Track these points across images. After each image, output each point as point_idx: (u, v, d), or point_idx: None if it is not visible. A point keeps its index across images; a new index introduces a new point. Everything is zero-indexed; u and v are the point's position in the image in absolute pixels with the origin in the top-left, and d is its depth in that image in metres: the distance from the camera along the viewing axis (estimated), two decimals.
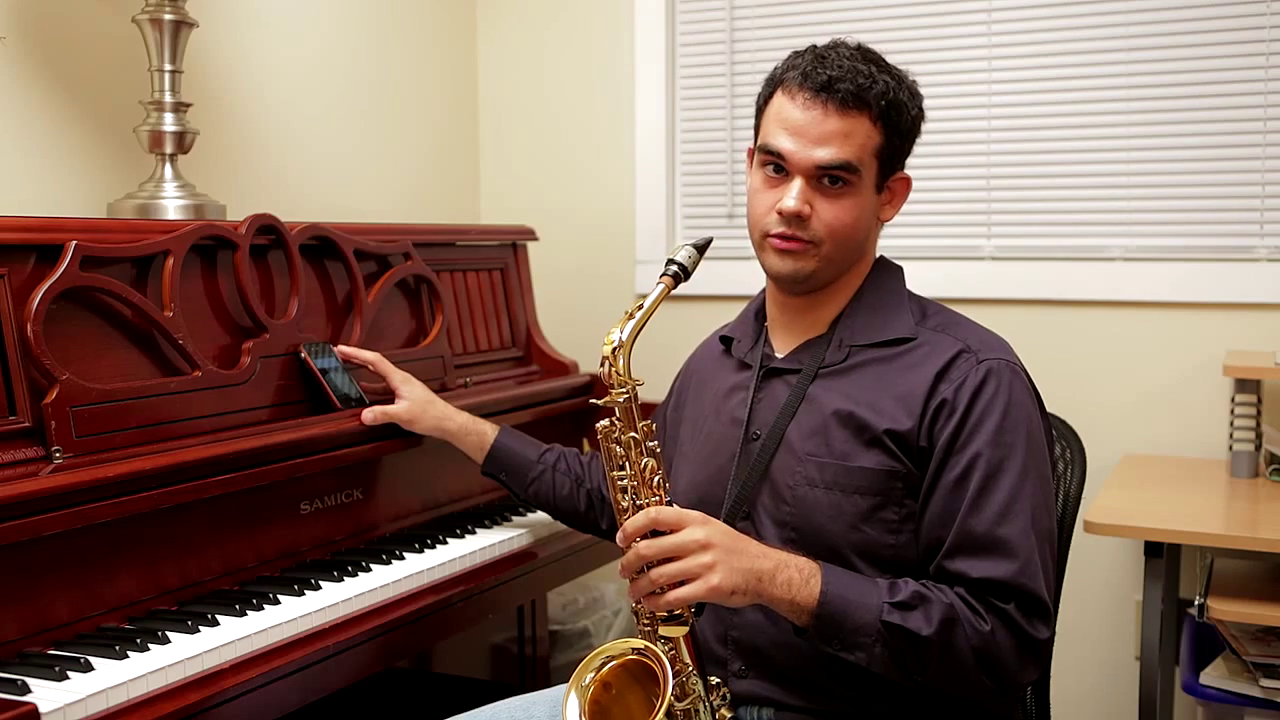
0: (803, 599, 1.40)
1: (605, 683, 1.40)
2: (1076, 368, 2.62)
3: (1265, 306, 2.51)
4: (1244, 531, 2.01)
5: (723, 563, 1.36)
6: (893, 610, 1.40)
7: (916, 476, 1.49)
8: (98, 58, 2.16)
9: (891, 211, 1.62)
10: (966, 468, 1.45)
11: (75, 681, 1.37)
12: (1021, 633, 1.42)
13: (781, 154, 1.53)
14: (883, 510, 1.48)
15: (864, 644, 1.40)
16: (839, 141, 1.50)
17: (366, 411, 1.92)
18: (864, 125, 1.52)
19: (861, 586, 1.42)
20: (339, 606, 1.69)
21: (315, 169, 2.69)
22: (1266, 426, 2.38)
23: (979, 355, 1.51)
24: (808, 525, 1.49)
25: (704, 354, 1.81)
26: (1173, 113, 2.60)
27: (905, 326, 1.57)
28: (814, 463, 1.51)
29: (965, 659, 1.41)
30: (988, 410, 1.47)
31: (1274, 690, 2.06)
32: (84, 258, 1.65)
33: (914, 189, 1.66)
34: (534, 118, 3.21)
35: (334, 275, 2.14)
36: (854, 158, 1.51)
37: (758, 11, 2.95)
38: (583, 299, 3.13)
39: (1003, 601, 1.42)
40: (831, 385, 1.55)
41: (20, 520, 1.42)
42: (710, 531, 1.37)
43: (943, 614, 1.40)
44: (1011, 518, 1.44)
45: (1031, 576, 1.43)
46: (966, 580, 1.43)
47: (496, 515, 2.15)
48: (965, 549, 1.44)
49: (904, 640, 1.39)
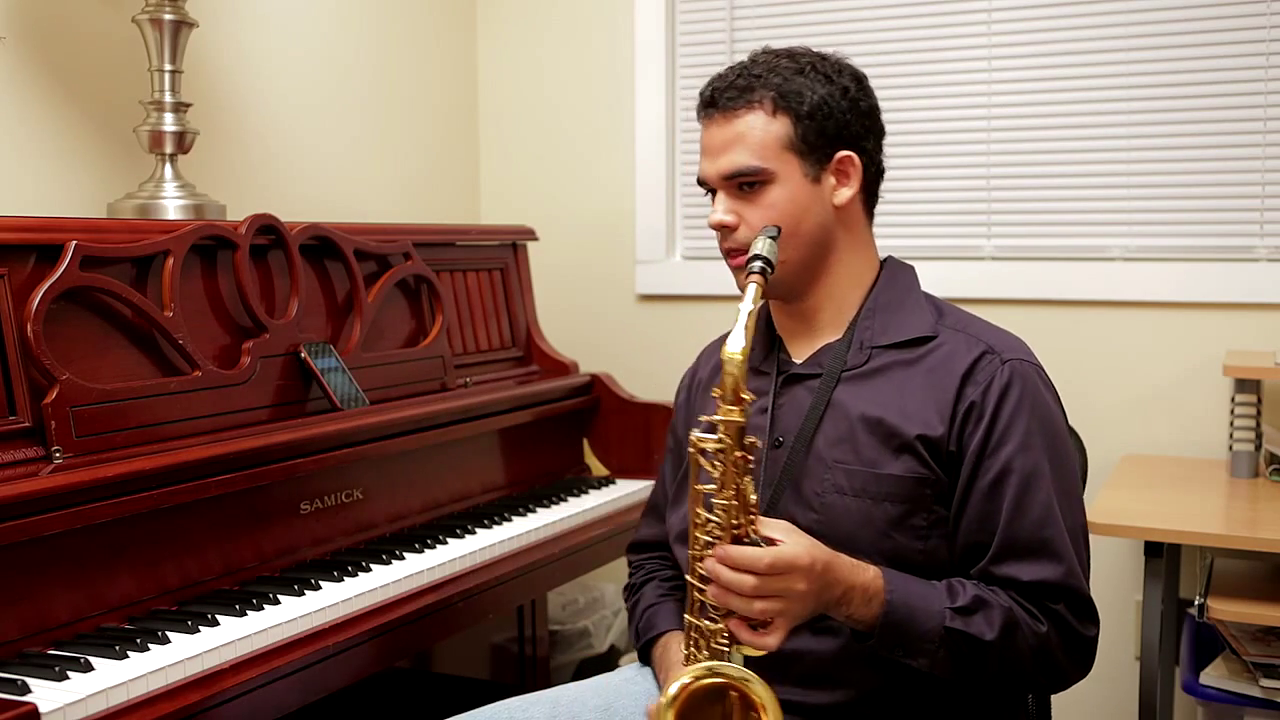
0: (862, 616, 1.40)
1: (709, 689, 1.35)
2: (1076, 368, 2.62)
3: (1265, 306, 2.51)
4: (1244, 531, 2.01)
5: (810, 606, 1.35)
6: (955, 616, 1.40)
7: (945, 483, 1.48)
8: (98, 58, 2.16)
9: (848, 193, 1.56)
10: (1001, 472, 1.45)
11: (75, 681, 1.37)
12: (1073, 633, 1.45)
13: (702, 177, 1.59)
14: (912, 517, 1.47)
15: (928, 650, 1.40)
16: (734, 147, 1.53)
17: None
18: (758, 121, 1.52)
19: (926, 592, 1.42)
20: (339, 606, 1.69)
21: (315, 169, 2.69)
22: (1266, 426, 2.38)
23: (1002, 356, 1.51)
24: (836, 533, 1.45)
25: (707, 361, 1.77)
26: (1173, 113, 2.60)
27: (925, 325, 1.55)
28: (842, 470, 1.49)
29: (1024, 661, 1.43)
30: (1016, 412, 1.47)
31: (1274, 690, 2.06)
32: (84, 258, 1.65)
33: (914, 189, 1.65)
34: (534, 118, 3.21)
35: (334, 275, 2.14)
36: (754, 158, 1.52)
37: (758, 12, 2.95)
38: (583, 299, 3.13)
39: (1053, 603, 1.44)
40: (856, 389, 1.53)
41: (20, 520, 1.42)
42: (811, 580, 1.34)
43: (1004, 618, 1.41)
44: (1053, 520, 1.45)
45: (1077, 577, 1.45)
46: (1018, 584, 1.44)
47: (496, 515, 2.15)
48: (1012, 553, 1.45)
49: (966, 645, 1.40)
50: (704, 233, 3.05)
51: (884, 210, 1.68)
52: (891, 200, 2.78)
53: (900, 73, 2.77)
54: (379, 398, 2.09)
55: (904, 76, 2.77)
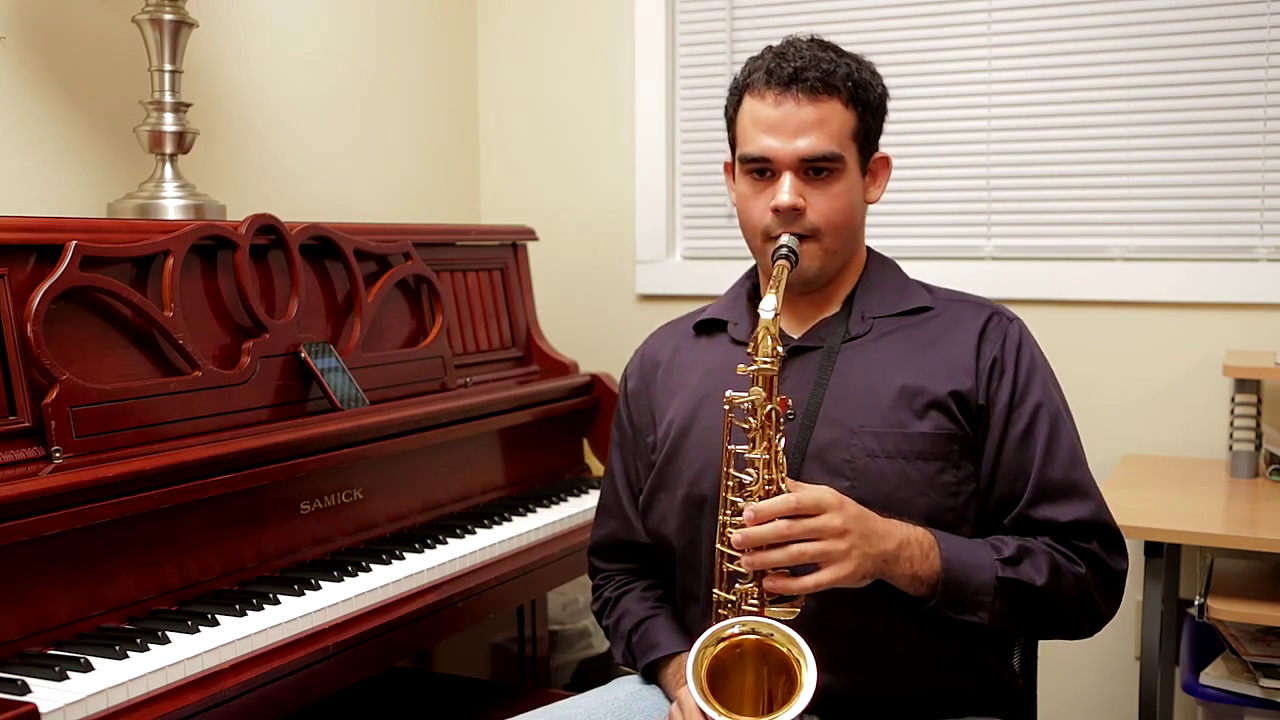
0: (925, 573, 1.42)
1: (738, 646, 1.35)
2: (1076, 367, 2.62)
3: (1265, 306, 2.51)
4: (1244, 531, 2.01)
5: (857, 548, 1.36)
6: (1005, 566, 1.45)
7: (971, 439, 1.52)
8: (98, 58, 2.16)
9: (877, 192, 1.63)
10: (1031, 420, 1.51)
11: (75, 681, 1.37)
12: (1105, 568, 1.50)
13: (764, 154, 1.53)
14: (943, 474, 1.50)
15: (985, 603, 1.44)
16: (817, 130, 1.51)
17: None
18: (837, 109, 1.53)
19: (972, 548, 1.46)
20: (339, 606, 1.69)
21: (315, 169, 2.69)
22: (1266, 426, 2.38)
23: (1006, 315, 1.59)
24: (874, 496, 1.45)
25: (664, 345, 1.74)
26: (1173, 113, 2.60)
27: (921, 297, 1.62)
28: (870, 434, 1.50)
29: (1072, 602, 1.48)
30: (1033, 364, 1.55)
31: (1274, 690, 2.06)
32: (84, 258, 1.65)
33: (914, 189, 1.67)
34: (534, 118, 3.21)
35: (334, 275, 2.14)
36: (835, 144, 1.52)
37: (758, 12, 2.95)
38: (583, 299, 3.13)
39: (1084, 541, 1.49)
40: (864, 356, 1.56)
41: (20, 520, 1.42)
42: (846, 518, 1.36)
43: (1049, 562, 1.46)
44: (1079, 460, 1.53)
45: (1106, 511, 1.53)
46: (1055, 526, 1.49)
47: (496, 515, 2.15)
48: (1047, 496, 1.50)
49: (1020, 593, 1.45)
50: (704, 233, 3.05)
51: (884, 210, 1.69)
52: (891, 200, 2.78)
53: (900, 73, 2.77)
54: (379, 398, 2.09)
55: (904, 76, 2.77)
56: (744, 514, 1.35)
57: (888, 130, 1.64)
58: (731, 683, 1.35)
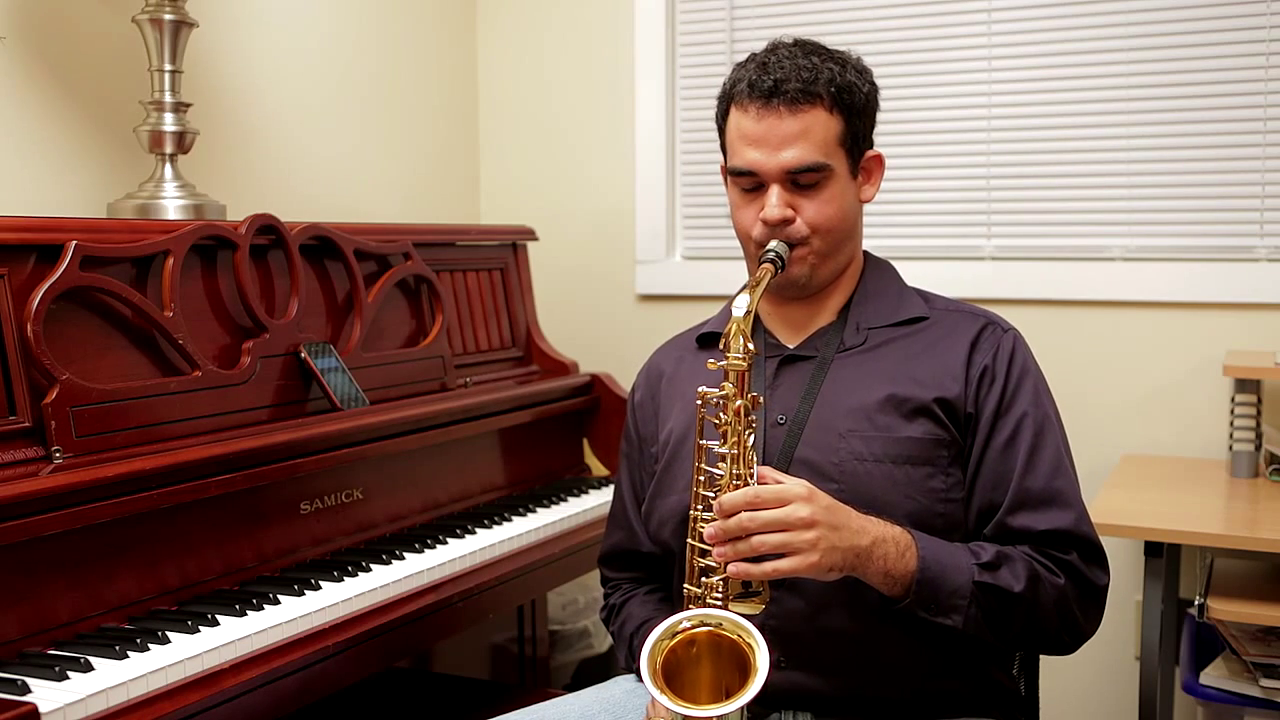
0: (899, 571, 1.42)
1: (692, 641, 1.35)
2: (1076, 367, 2.62)
3: (1265, 306, 2.51)
4: (1244, 531, 2.01)
5: (825, 539, 1.35)
6: (983, 571, 1.44)
7: (960, 444, 1.52)
8: (98, 58, 2.16)
9: (871, 190, 1.63)
10: (1015, 429, 1.51)
11: (75, 681, 1.37)
12: (1085, 582, 1.49)
13: (750, 168, 1.54)
14: (932, 480, 1.51)
15: (959, 606, 1.43)
16: (801, 141, 1.52)
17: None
18: (820, 118, 1.53)
19: (951, 550, 1.46)
20: (339, 606, 1.69)
21: (315, 169, 2.69)
22: (1266, 426, 2.38)
23: (1001, 326, 1.59)
24: (862, 499, 1.46)
25: (669, 357, 1.76)
26: (1173, 113, 2.60)
27: (917, 307, 1.62)
28: (858, 438, 1.51)
29: (1049, 613, 1.46)
30: (1023, 375, 1.55)
31: (1274, 690, 2.06)
32: (84, 258, 1.65)
33: (914, 189, 1.67)
34: (534, 118, 3.21)
35: (334, 275, 2.14)
36: (820, 154, 1.52)
37: (758, 12, 2.95)
38: (583, 299, 3.13)
39: (1064, 553, 1.48)
40: (857, 365, 1.57)
41: (20, 520, 1.42)
42: (814, 509, 1.36)
43: (1028, 570, 1.45)
44: (1061, 471, 1.51)
45: (1088, 523, 1.51)
46: (1031, 534, 1.48)
47: (496, 515, 2.15)
48: (1026, 504, 1.49)
49: (996, 599, 1.44)
50: (704, 233, 3.06)
51: (883, 210, 1.69)
52: (892, 200, 2.79)
53: (900, 73, 2.77)
54: (379, 398, 2.09)
55: (904, 76, 2.77)
56: (715, 506, 1.37)
57: (887, 131, 1.64)
58: (688, 675, 1.36)
